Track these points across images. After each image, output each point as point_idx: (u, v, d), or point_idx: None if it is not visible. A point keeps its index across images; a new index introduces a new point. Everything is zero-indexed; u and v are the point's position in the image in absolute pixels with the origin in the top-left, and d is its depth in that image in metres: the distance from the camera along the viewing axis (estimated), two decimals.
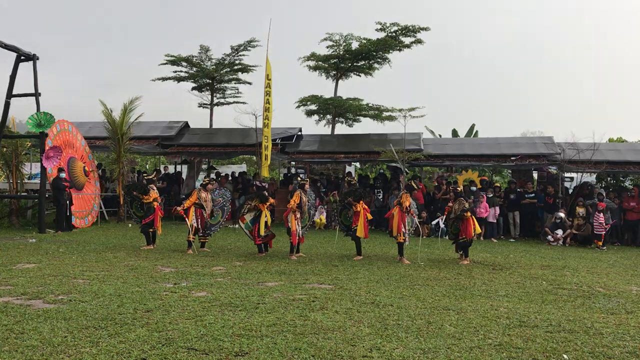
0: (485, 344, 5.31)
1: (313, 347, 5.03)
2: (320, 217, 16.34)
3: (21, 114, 20.03)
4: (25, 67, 16.04)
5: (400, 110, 20.20)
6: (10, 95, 15.97)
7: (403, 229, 10.98)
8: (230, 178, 22.24)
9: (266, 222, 11.62)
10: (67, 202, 15.57)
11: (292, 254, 11.27)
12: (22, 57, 15.83)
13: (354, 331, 5.59)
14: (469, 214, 11.22)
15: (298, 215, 11.33)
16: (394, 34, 22.71)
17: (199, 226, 11.84)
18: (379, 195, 18.55)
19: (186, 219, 11.73)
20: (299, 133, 21.78)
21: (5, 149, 17.17)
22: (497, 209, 17.10)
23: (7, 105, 15.97)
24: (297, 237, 11.24)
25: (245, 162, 33.49)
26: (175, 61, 25.62)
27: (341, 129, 25.79)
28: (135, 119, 19.22)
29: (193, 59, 25.57)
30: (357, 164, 27.05)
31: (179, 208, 12.00)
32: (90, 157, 18.68)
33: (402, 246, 11.13)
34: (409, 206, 11.06)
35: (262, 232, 11.61)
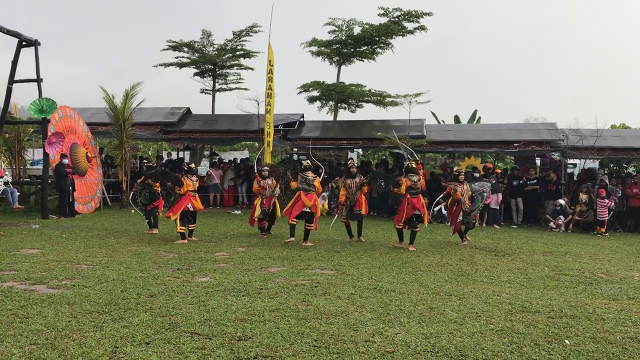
0: (487, 329, 5.33)
1: (316, 331, 5.05)
2: (324, 203, 16.35)
3: (23, 100, 20.04)
4: (30, 53, 16.00)
5: (405, 96, 20.09)
6: (12, 81, 15.94)
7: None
8: (232, 164, 22.26)
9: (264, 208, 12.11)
10: (70, 188, 15.60)
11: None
12: (24, 43, 15.78)
13: (356, 316, 5.61)
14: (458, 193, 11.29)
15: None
16: (396, 19, 22.54)
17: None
18: (381, 182, 18.51)
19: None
20: (301, 119, 21.73)
21: (7, 135, 17.18)
22: (500, 195, 17.07)
23: (9, 91, 15.94)
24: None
25: (247, 148, 33.46)
26: (176, 47, 25.50)
27: (344, 115, 25.68)
28: (137, 105, 19.18)
29: (195, 44, 25.46)
30: (360, 151, 27.01)
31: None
32: (92, 143, 18.69)
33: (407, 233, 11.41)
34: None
35: (256, 215, 12.19)
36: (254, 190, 12.37)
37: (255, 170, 12.87)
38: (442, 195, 12.49)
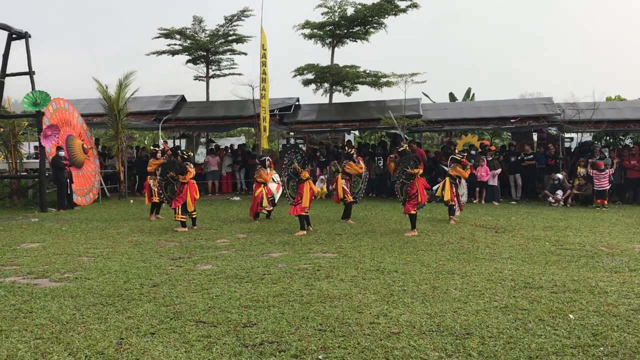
0: (491, 306, 5.34)
1: (320, 315, 5.06)
2: (322, 186, 16.35)
3: (16, 93, 19.88)
4: (21, 46, 15.86)
5: (400, 75, 19.98)
6: (3, 74, 15.82)
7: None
8: (229, 150, 22.20)
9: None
10: (68, 180, 15.55)
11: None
12: (14, 36, 15.63)
13: (360, 298, 5.62)
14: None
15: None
16: None
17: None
18: (380, 162, 18.51)
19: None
20: (297, 103, 21.63)
21: (2, 130, 17.06)
22: (498, 171, 17.05)
23: (1, 85, 15.84)
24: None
25: (243, 134, 33.35)
26: (168, 34, 25.31)
27: (339, 97, 25.57)
28: (132, 95, 19.07)
29: (187, 31, 25.26)
30: (357, 132, 26.95)
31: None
32: (88, 134, 18.61)
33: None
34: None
35: (264, 205, 12.20)
36: (267, 179, 12.33)
37: (258, 162, 12.79)
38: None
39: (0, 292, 6.09)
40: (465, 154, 12.92)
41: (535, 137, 21.24)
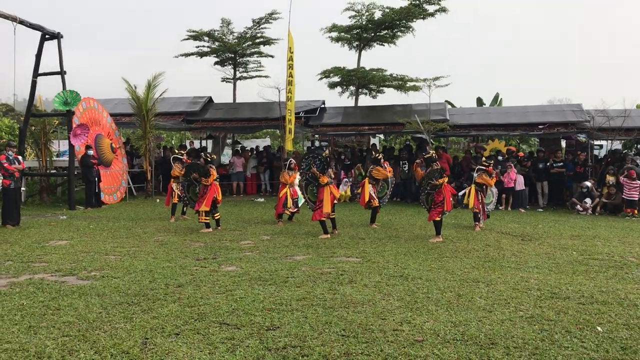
0: (516, 316, 5.27)
1: (343, 320, 5.05)
2: (347, 189, 16.33)
3: (48, 92, 20.28)
4: (66, 47, 16.13)
5: (424, 80, 19.86)
6: (36, 74, 16.12)
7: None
8: (254, 152, 22.31)
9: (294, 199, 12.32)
10: (96, 178, 15.79)
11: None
12: (47, 36, 15.92)
13: (383, 305, 5.60)
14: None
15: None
16: (417, 2, 22.26)
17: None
18: (405, 167, 18.42)
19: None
20: (323, 106, 21.66)
21: (33, 128, 17.41)
22: (522, 178, 16.82)
23: (33, 84, 16.14)
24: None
25: (269, 135, 33.47)
26: (197, 36, 25.50)
27: (365, 100, 25.56)
28: (160, 95, 19.29)
29: (215, 33, 25.44)
30: (382, 136, 26.84)
31: None
32: (116, 133, 18.87)
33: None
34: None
35: (289, 206, 12.36)
36: (289, 181, 12.36)
37: (284, 163, 12.85)
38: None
39: (29, 288, 6.21)
40: (492, 161, 12.77)
41: (563, 143, 20.92)
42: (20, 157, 12.86)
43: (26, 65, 15.69)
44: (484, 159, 12.37)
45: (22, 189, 15.53)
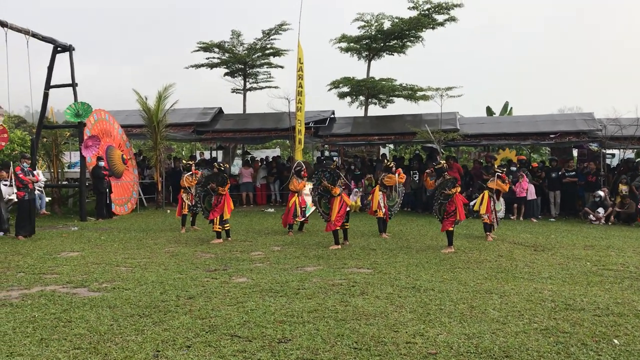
0: (531, 328, 5.20)
1: (355, 333, 5.01)
2: (357, 199, 16.29)
3: (59, 103, 20.43)
4: (79, 60, 16.24)
5: (436, 89, 19.84)
6: (48, 86, 16.27)
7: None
8: (264, 162, 22.34)
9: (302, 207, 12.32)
10: (107, 190, 15.87)
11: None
12: (59, 49, 16.07)
13: (396, 317, 5.55)
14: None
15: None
16: (426, 12, 22.29)
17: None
18: (415, 177, 18.36)
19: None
20: (332, 116, 21.68)
21: (45, 140, 17.54)
22: (533, 187, 16.70)
23: (45, 97, 16.28)
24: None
25: (278, 146, 33.53)
26: (207, 47, 25.68)
27: (374, 110, 25.60)
28: (171, 106, 19.38)
29: (225, 44, 25.59)
30: (391, 146, 26.81)
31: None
32: (127, 145, 18.96)
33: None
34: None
35: (298, 214, 12.41)
36: (298, 189, 12.34)
37: (293, 171, 12.79)
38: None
39: (41, 300, 6.22)
40: (504, 169, 12.71)
41: (575, 153, 20.79)
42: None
43: (38, 78, 15.82)
44: (496, 167, 12.26)
45: (47, 198, 15.69)
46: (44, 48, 15.93)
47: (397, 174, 12.06)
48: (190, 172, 12.92)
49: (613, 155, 20.63)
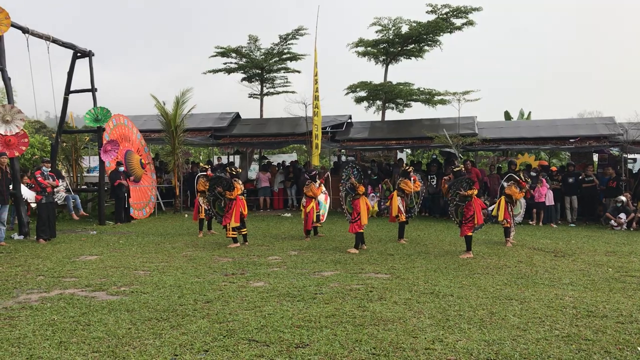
0: (552, 335, 5.12)
1: (374, 338, 4.96)
2: (374, 204, 16.21)
3: (79, 108, 20.65)
4: (97, 65, 16.45)
5: (454, 93, 19.73)
6: (68, 91, 16.44)
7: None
8: (281, 167, 22.36)
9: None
10: (125, 194, 15.99)
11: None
12: (79, 54, 16.25)
13: (414, 322, 5.49)
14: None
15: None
16: (444, 16, 22.20)
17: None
18: (432, 181, 18.25)
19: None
20: (349, 120, 21.64)
21: (65, 144, 17.73)
22: (552, 192, 16.49)
23: (65, 102, 16.45)
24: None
25: (295, 151, 33.57)
26: (225, 53, 25.79)
27: (392, 114, 25.47)
28: (189, 111, 19.49)
29: (242, 49, 25.70)
30: (409, 150, 26.70)
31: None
32: (146, 149, 19.10)
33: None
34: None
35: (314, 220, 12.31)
36: (317, 194, 12.32)
37: (309, 176, 12.76)
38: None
39: (60, 303, 6.26)
40: (529, 179, 12.55)
41: (595, 157, 20.52)
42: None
43: (58, 83, 16.01)
44: (521, 174, 12.09)
45: (77, 196, 15.91)
46: (64, 54, 16.13)
47: (413, 181, 11.98)
48: (205, 175, 12.96)
49: (635, 159, 20.33)
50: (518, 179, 11.67)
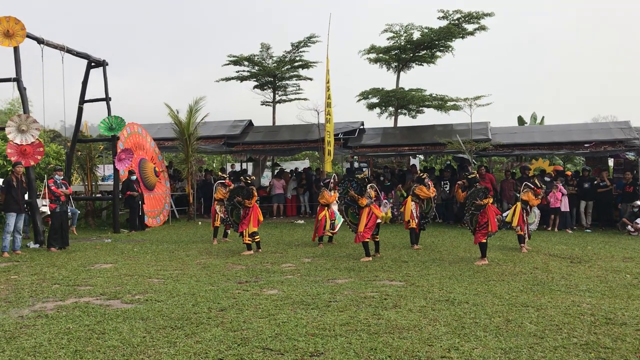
0: (570, 343, 5.05)
1: (389, 347, 4.92)
2: (387, 210, 16.16)
3: (93, 117, 20.81)
4: (113, 74, 16.57)
5: (465, 99, 19.66)
6: (82, 101, 16.58)
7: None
8: (294, 174, 22.38)
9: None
10: (139, 202, 16.06)
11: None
12: (93, 64, 16.39)
13: (430, 330, 5.44)
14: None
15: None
16: (456, 22, 22.16)
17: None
18: (446, 187, 18.16)
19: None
20: (361, 127, 21.62)
21: (79, 153, 17.87)
22: (567, 198, 16.34)
23: (80, 111, 16.58)
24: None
25: (308, 157, 33.61)
26: (237, 61, 25.94)
27: (404, 120, 25.41)
28: (202, 119, 19.60)
29: (254, 57, 25.83)
30: (422, 156, 26.62)
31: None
32: (160, 157, 19.20)
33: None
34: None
35: (327, 228, 12.26)
36: (330, 201, 12.26)
37: (322, 184, 12.75)
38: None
39: (75, 312, 6.28)
40: (545, 185, 12.45)
41: (611, 162, 20.30)
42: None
43: (73, 93, 16.14)
44: (536, 180, 12.01)
45: (78, 211, 15.96)
46: (79, 64, 16.25)
47: (428, 186, 11.93)
48: (224, 184, 13.00)
49: None
50: (533, 186, 11.58)
